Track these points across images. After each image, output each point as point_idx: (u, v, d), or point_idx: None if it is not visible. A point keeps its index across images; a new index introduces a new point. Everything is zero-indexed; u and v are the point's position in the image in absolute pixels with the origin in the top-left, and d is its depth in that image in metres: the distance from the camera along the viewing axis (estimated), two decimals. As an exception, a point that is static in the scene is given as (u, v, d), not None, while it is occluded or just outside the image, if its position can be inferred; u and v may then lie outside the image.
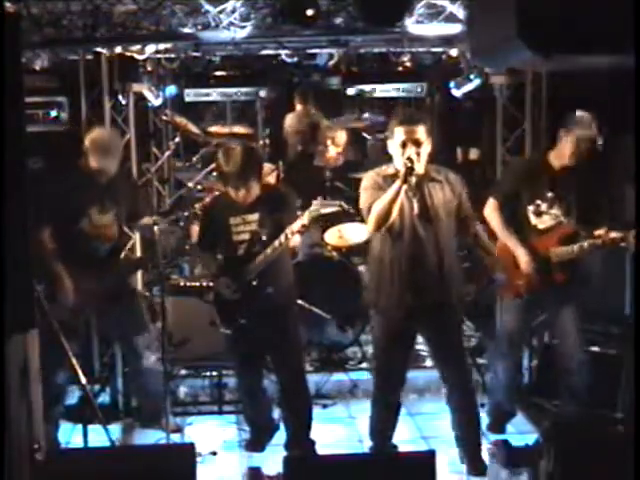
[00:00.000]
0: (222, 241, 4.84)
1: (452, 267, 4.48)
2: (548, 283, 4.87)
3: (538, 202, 4.89)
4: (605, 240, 4.66)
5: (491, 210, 4.97)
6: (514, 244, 4.92)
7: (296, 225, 4.54)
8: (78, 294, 4.88)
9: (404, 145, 4.30)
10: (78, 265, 4.88)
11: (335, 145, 6.64)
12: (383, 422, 4.83)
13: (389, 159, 4.50)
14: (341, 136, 6.70)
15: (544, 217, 4.90)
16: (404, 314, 4.46)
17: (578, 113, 4.94)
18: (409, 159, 4.23)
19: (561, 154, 4.88)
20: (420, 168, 4.33)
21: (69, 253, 4.89)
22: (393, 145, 4.37)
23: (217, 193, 5.43)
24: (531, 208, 4.91)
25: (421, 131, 4.32)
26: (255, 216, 4.74)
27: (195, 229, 4.98)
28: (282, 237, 4.60)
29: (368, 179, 4.47)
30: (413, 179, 4.25)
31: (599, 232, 4.71)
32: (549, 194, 4.86)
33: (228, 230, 4.76)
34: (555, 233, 4.88)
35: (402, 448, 4.82)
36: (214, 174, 7.37)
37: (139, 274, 5.79)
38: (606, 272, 5.31)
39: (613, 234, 4.64)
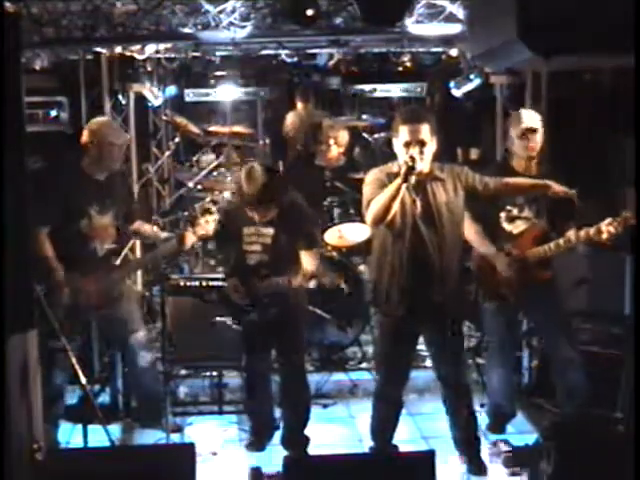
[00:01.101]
0: (233, 247, 4.87)
1: (453, 267, 4.46)
2: (529, 285, 4.84)
3: (509, 208, 4.87)
4: (578, 236, 4.61)
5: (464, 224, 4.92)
6: (492, 252, 4.89)
7: (307, 274, 4.71)
8: (74, 294, 4.88)
9: (408, 145, 4.29)
10: (75, 266, 4.86)
11: (337, 145, 6.59)
12: (384, 422, 4.82)
13: (385, 160, 4.49)
14: (343, 136, 6.65)
15: (517, 222, 4.88)
16: (405, 313, 4.46)
17: (520, 111, 4.95)
18: (411, 158, 4.22)
19: (517, 156, 4.88)
20: (424, 167, 4.32)
21: (67, 253, 4.87)
22: (397, 144, 4.36)
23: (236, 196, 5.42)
24: (503, 215, 4.89)
25: (425, 130, 4.30)
26: (270, 230, 4.74)
27: (189, 236, 4.92)
28: (295, 279, 4.69)
29: (372, 175, 4.47)
30: (413, 178, 4.24)
31: (571, 232, 4.67)
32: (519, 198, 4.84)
33: (240, 238, 4.79)
34: (529, 235, 4.85)
35: (402, 448, 4.80)
36: (214, 173, 7.39)
37: (139, 274, 5.79)
38: (606, 272, 5.30)
39: (586, 230, 4.58)
